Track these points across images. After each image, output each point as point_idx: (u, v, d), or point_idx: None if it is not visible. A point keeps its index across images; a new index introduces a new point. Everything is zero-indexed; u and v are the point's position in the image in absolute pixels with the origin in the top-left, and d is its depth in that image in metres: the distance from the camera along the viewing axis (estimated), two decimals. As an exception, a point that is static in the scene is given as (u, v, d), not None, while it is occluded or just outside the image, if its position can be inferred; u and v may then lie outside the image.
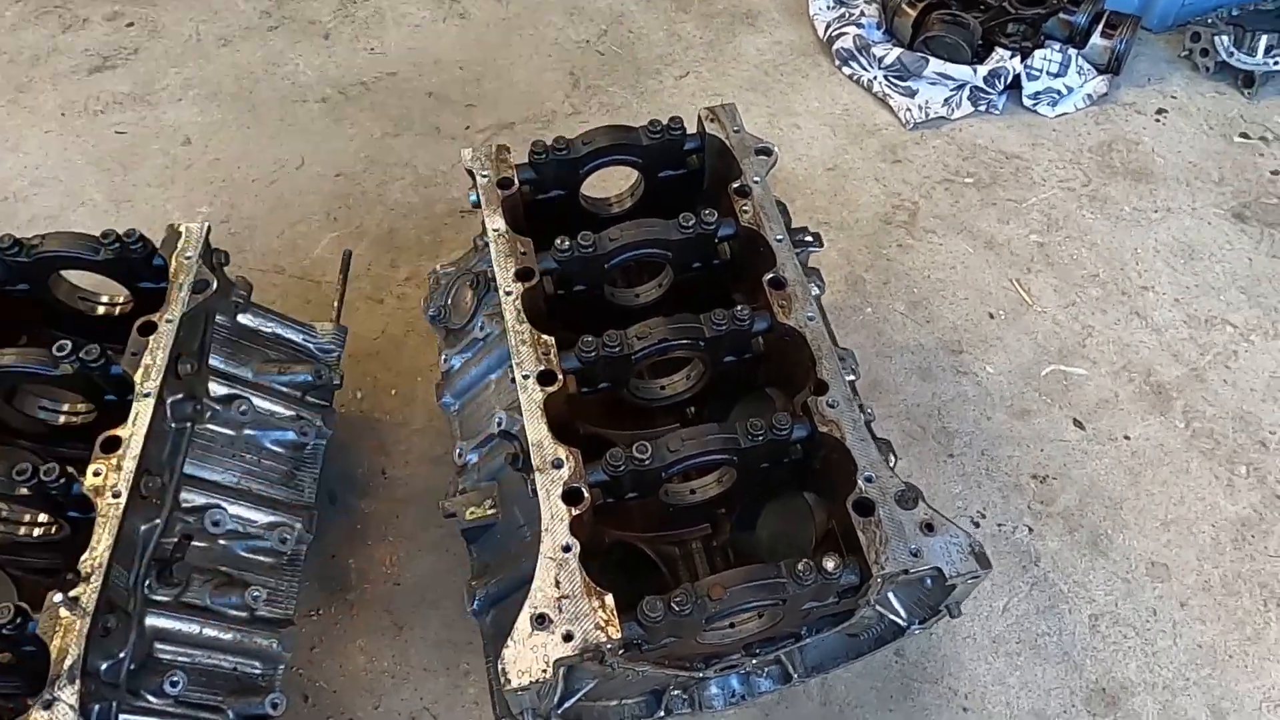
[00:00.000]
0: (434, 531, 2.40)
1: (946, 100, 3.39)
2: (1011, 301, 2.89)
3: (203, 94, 3.49)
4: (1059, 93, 3.40)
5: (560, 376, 1.85)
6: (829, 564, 1.66)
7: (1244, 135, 3.35)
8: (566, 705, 1.80)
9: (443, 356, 2.28)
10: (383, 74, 3.57)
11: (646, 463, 1.77)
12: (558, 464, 1.75)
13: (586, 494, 1.72)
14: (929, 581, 1.79)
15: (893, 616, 1.95)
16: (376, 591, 2.34)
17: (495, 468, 2.06)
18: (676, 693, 2.06)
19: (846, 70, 3.54)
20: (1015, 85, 3.40)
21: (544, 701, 1.71)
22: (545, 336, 1.90)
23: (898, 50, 3.45)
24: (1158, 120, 3.41)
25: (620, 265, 2.09)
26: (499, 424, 2.03)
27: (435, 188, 3.20)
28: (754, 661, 1.98)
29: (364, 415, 2.64)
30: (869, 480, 1.74)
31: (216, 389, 2.05)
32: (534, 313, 1.99)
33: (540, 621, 1.60)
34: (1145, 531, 2.43)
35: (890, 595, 1.90)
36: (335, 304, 2.40)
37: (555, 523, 1.69)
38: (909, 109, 3.37)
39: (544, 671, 1.56)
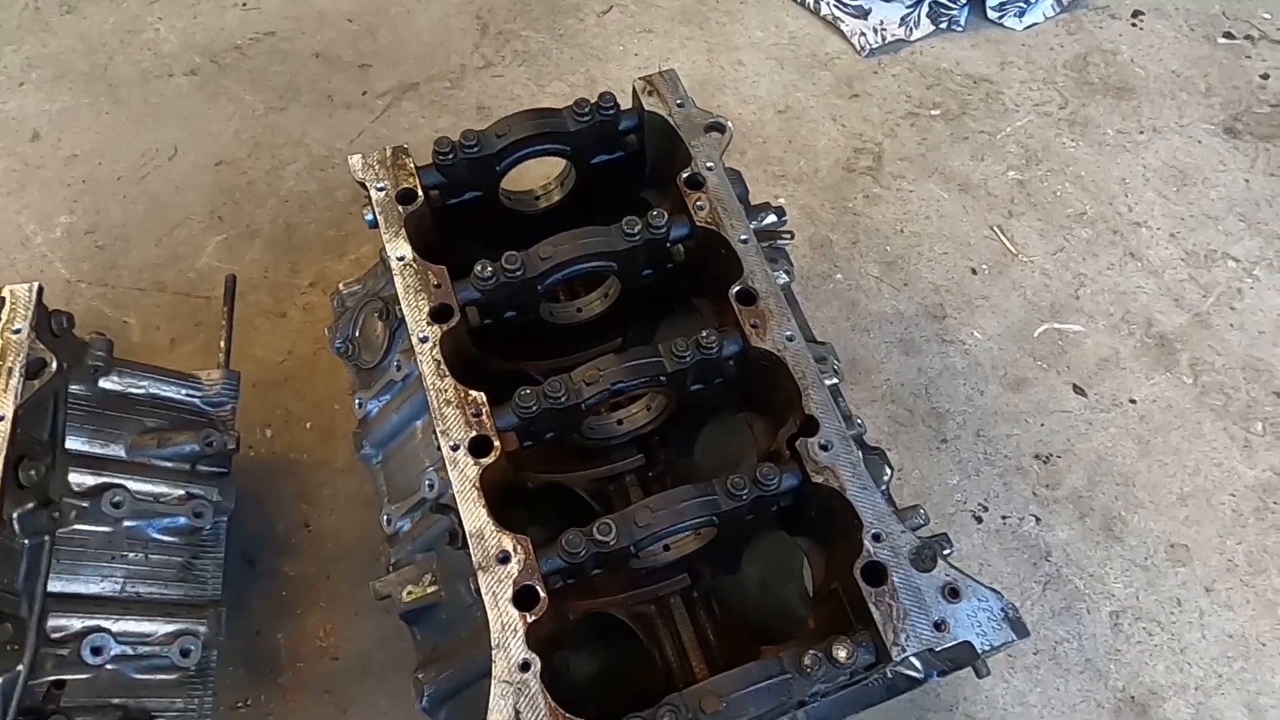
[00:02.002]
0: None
1: (903, 19, 3.02)
2: (994, 252, 2.60)
3: (48, 76, 2.98)
4: (1026, 0, 3.04)
5: (496, 443, 1.52)
6: (841, 653, 1.39)
7: (1228, 35, 3.04)
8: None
9: (356, 400, 1.93)
10: (259, 34, 3.08)
11: (611, 543, 1.46)
12: (503, 557, 1.44)
13: (543, 592, 1.42)
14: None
15: (908, 670, 1.70)
16: (312, 670, 2.03)
17: (432, 536, 1.75)
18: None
19: (789, -9, 3.14)
20: (978, -4, 3.04)
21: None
22: (474, 394, 1.56)
23: (845, -36, 3.06)
24: (1134, 25, 3.08)
25: (557, 283, 1.74)
26: (429, 487, 1.71)
27: (334, 170, 2.77)
28: (753, 732, 1.74)
29: (277, 457, 2.29)
30: (877, 539, 1.46)
31: (81, 479, 1.69)
32: (458, 355, 1.65)
33: (501, 767, 1.31)
34: (1161, 509, 2.21)
35: (906, 655, 1.65)
36: (222, 344, 2.02)
37: (508, 636, 1.38)
38: (863, 33, 3.00)
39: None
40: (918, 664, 1.72)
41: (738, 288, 1.66)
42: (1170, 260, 2.58)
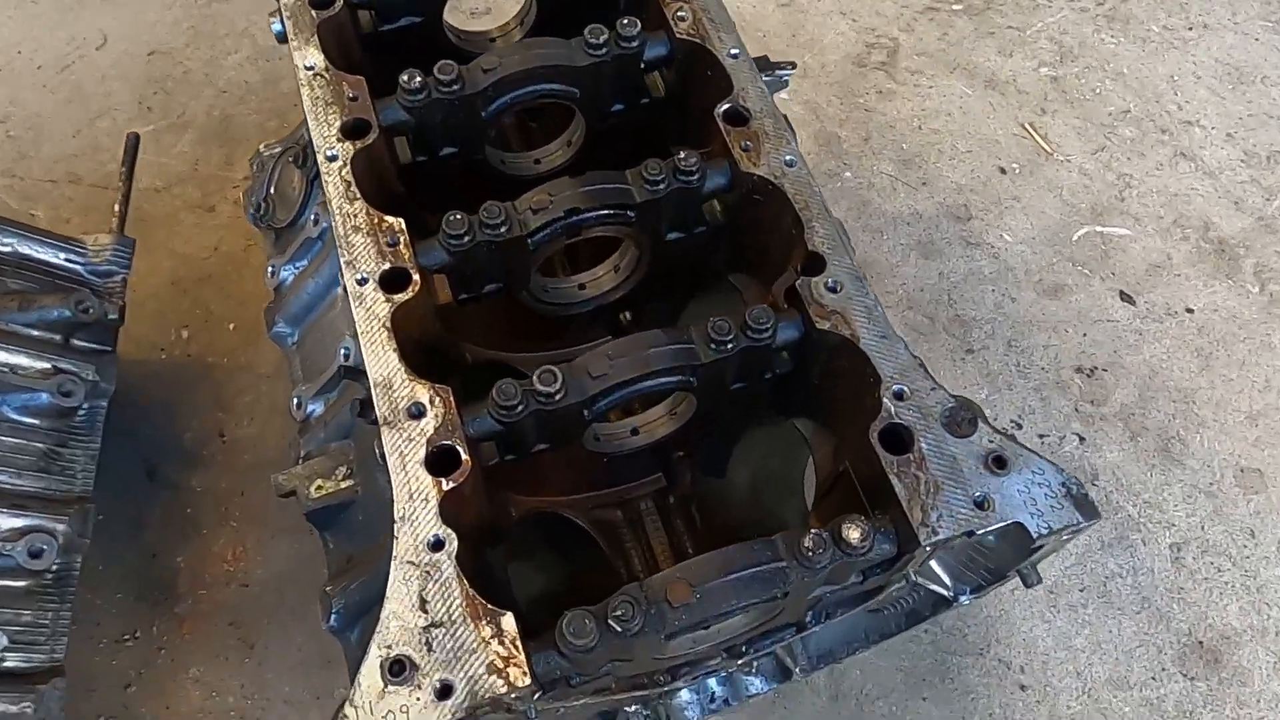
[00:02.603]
0: (293, 508, 1.76)
1: (922, -88, 2.70)
2: (1026, 151, 2.28)
3: (-29, -38, 2.68)
4: (1058, -105, 2.73)
5: (415, 277, 1.20)
6: (853, 534, 1.06)
7: (1283, -68, 2.73)
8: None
9: (269, 268, 1.61)
10: (208, -77, 2.78)
11: (557, 398, 1.14)
12: (416, 411, 1.12)
13: (465, 455, 1.09)
14: (994, 537, 1.21)
15: (933, 585, 1.37)
16: (216, 598, 1.71)
17: (348, 421, 1.43)
18: (633, 708, 1.48)
19: (795, -115, 2.83)
20: (1005, -113, 2.73)
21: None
22: (390, 220, 1.24)
23: None
24: (1179, -79, 2.77)
25: (504, 110, 1.42)
26: (345, 356, 1.39)
27: (281, 60, 2.46)
28: (739, 662, 1.41)
29: (193, 360, 1.97)
30: (899, 398, 1.14)
31: (-86, 339, 1.37)
32: (375, 182, 1.33)
33: (397, 670, 0.98)
34: (1227, 429, 1.88)
35: (933, 560, 1.32)
36: (116, 207, 1.71)
37: (416, 506, 1.06)
38: (877, -75, 2.69)
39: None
40: (946, 577, 1.39)
41: (726, 106, 1.34)
42: (1228, 161, 2.26)
